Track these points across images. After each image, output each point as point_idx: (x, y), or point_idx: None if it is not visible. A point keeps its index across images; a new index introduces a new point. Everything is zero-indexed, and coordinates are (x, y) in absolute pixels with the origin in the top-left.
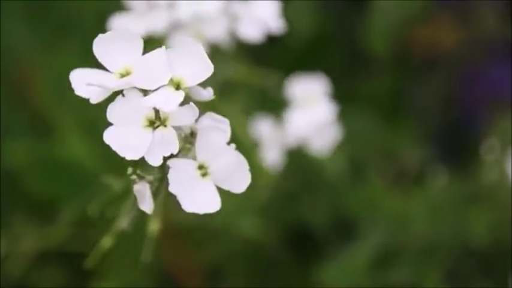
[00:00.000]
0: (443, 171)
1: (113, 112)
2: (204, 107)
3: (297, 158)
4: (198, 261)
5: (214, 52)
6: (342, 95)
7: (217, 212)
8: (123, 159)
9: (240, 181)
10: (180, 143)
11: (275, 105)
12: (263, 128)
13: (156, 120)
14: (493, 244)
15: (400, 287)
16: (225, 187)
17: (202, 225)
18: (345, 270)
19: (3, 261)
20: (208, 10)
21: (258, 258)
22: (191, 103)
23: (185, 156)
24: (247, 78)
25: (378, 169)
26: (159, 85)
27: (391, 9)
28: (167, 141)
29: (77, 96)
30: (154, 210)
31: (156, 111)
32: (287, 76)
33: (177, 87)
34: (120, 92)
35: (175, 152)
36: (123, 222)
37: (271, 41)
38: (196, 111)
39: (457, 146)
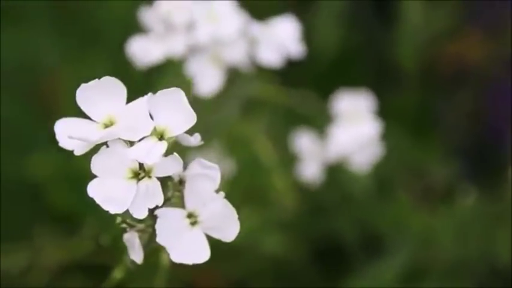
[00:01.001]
0: (470, 189)
1: (96, 164)
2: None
3: (329, 173)
4: (223, 278)
5: (235, 73)
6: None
7: (240, 229)
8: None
9: (229, 229)
10: (170, 191)
11: (302, 123)
12: (303, 142)
13: (141, 172)
14: None
15: None
16: (215, 235)
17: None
18: (371, 285)
19: (26, 273)
20: (227, 33)
21: (284, 274)
22: (175, 154)
23: (174, 205)
24: (272, 97)
25: (405, 185)
26: (142, 136)
27: (420, 25)
28: (152, 193)
29: None
30: None
31: (140, 163)
32: (314, 92)
33: (161, 137)
34: (104, 143)
35: (160, 204)
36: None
37: (299, 59)
38: (180, 161)
39: (484, 163)
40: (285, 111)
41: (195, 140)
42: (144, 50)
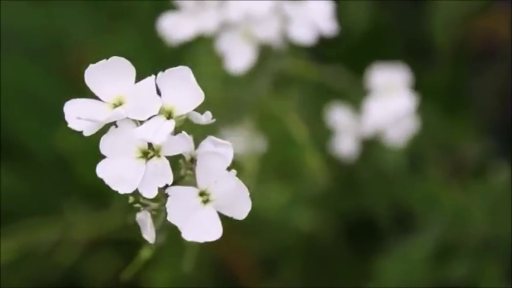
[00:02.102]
0: (502, 166)
1: (105, 144)
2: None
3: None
4: (253, 254)
5: (267, 50)
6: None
7: (271, 205)
8: None
9: (241, 207)
10: (181, 169)
11: (335, 99)
12: (339, 116)
13: (150, 151)
14: None
15: (458, 282)
16: (227, 213)
17: (256, 218)
18: (402, 263)
19: (56, 248)
20: (259, 10)
21: (314, 250)
22: (183, 132)
23: (187, 183)
24: (304, 74)
25: (437, 162)
26: (150, 115)
27: (451, 0)
28: (161, 172)
29: None
30: None
31: (149, 142)
32: (346, 69)
33: (169, 116)
34: (113, 123)
35: (170, 183)
36: (159, 237)
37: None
38: (189, 140)
39: None
40: (317, 87)
41: (206, 118)
42: (175, 26)
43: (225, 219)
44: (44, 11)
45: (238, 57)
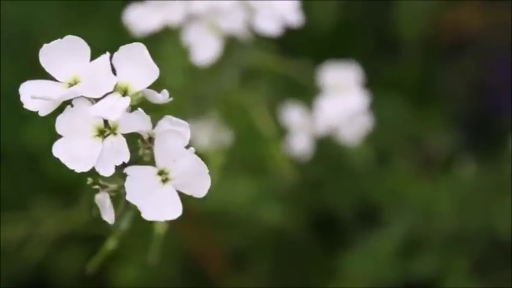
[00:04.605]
0: (470, 160)
1: (61, 123)
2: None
3: (323, 145)
4: (223, 247)
5: (233, 42)
6: (369, 81)
7: (239, 199)
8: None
9: (201, 185)
10: (140, 149)
11: (301, 92)
12: (292, 115)
13: (106, 129)
14: None
15: (425, 276)
16: (187, 192)
17: (225, 212)
18: (369, 258)
19: (24, 243)
20: (224, 2)
21: (282, 244)
22: (139, 109)
23: (147, 163)
24: (271, 67)
25: (405, 155)
26: (105, 92)
27: None
28: (117, 150)
29: None
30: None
31: (105, 120)
32: (314, 62)
33: (124, 93)
34: (69, 102)
35: (126, 161)
36: (123, 224)
37: (297, 28)
38: (145, 117)
39: (485, 132)
40: (284, 80)
41: (163, 96)
42: (141, 18)
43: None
44: (13, 3)
45: (204, 49)
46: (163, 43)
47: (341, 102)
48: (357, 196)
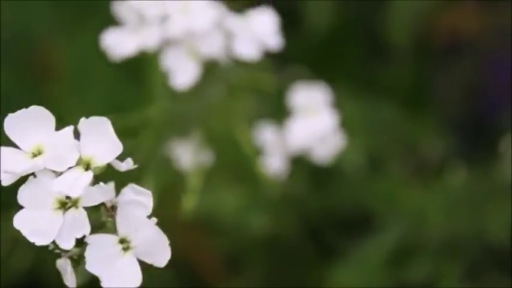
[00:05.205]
0: (463, 166)
1: (23, 195)
2: (205, 118)
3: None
4: (218, 253)
5: (214, 64)
6: (362, 85)
7: (226, 209)
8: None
9: (161, 255)
10: (102, 216)
11: (281, 110)
12: (266, 135)
13: (68, 201)
14: None
15: (417, 284)
16: (148, 261)
17: (214, 220)
18: (360, 266)
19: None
20: (200, 26)
21: (276, 249)
22: (101, 183)
23: (109, 230)
24: (255, 84)
25: (398, 161)
26: (68, 166)
27: None
28: (79, 223)
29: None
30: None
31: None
32: (307, 67)
33: (87, 166)
34: (32, 173)
35: (87, 234)
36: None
37: (291, 33)
38: (107, 190)
39: (479, 138)
40: (268, 97)
41: (127, 165)
42: (118, 43)
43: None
44: (8, 5)
45: (183, 74)
46: (145, 66)
47: (311, 124)
48: (350, 202)
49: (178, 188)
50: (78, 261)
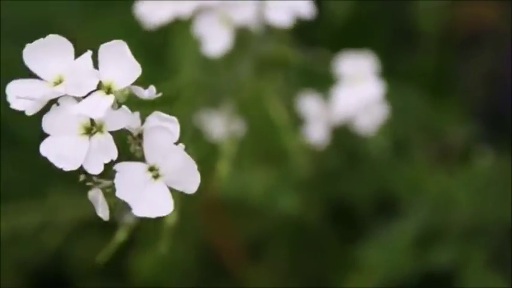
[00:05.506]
0: (488, 151)
1: (47, 122)
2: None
3: (341, 134)
4: (240, 236)
5: (246, 33)
6: (386, 72)
7: (256, 189)
8: None
9: (190, 181)
10: (131, 146)
11: (317, 82)
12: (309, 104)
13: (93, 127)
14: None
15: (442, 268)
16: (178, 188)
17: (242, 201)
18: (385, 249)
19: (40, 232)
20: None
21: (299, 234)
22: (124, 106)
23: (139, 160)
24: (286, 57)
25: (422, 147)
26: (88, 91)
27: None
28: (105, 148)
29: None
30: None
31: (92, 118)
32: (331, 52)
33: (108, 90)
34: (55, 101)
35: (114, 158)
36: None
37: (314, 19)
38: (130, 113)
39: (502, 124)
40: (300, 70)
41: (150, 92)
42: (152, 11)
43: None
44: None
45: (215, 41)
46: (176, 35)
47: (357, 92)
48: (374, 186)
49: (207, 165)
50: (110, 194)
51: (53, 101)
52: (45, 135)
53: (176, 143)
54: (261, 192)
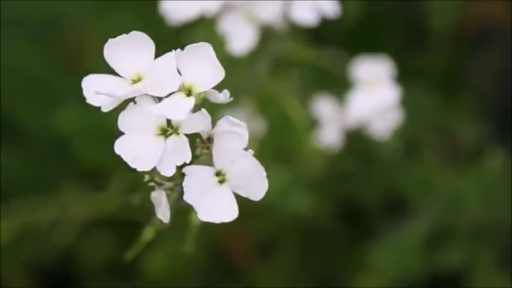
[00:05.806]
0: (498, 150)
1: (124, 121)
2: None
3: (354, 138)
4: (250, 236)
5: (268, 32)
6: (397, 72)
7: (270, 188)
8: None
9: (257, 188)
10: (198, 148)
11: (332, 84)
12: (323, 107)
13: (169, 128)
14: None
15: (452, 268)
16: (243, 194)
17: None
18: (395, 249)
19: (53, 228)
20: None
21: (309, 234)
22: (203, 110)
23: (203, 162)
24: (303, 57)
25: (432, 146)
26: (169, 91)
27: None
28: (179, 150)
29: None
30: None
31: (168, 119)
32: (344, 52)
33: (189, 92)
34: (132, 99)
35: (187, 161)
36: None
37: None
38: (209, 118)
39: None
40: (316, 71)
41: (224, 96)
42: (177, 7)
43: None
44: None
45: (240, 39)
46: (198, 32)
47: (373, 97)
48: (384, 186)
49: None
50: (170, 195)
51: (129, 100)
52: (119, 134)
53: (245, 149)
54: (275, 190)
